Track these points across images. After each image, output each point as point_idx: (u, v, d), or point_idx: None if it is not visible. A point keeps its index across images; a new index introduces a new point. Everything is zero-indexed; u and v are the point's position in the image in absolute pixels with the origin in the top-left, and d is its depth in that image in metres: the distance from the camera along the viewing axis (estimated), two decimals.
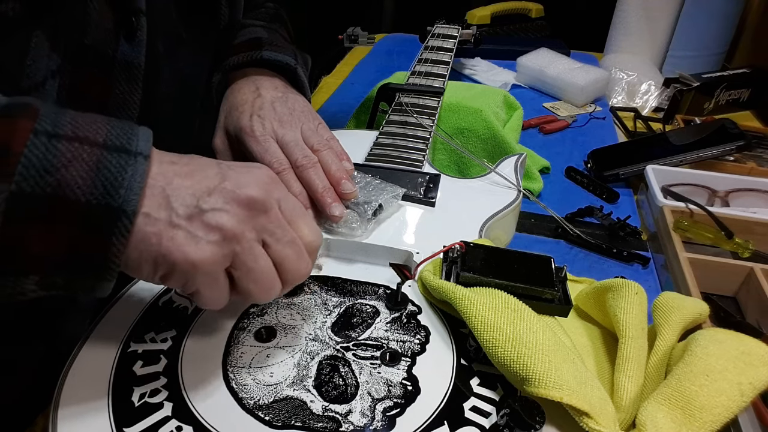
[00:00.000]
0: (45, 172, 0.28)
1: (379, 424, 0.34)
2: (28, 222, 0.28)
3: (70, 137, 0.29)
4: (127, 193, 0.29)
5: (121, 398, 0.35)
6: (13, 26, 0.35)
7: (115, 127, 0.31)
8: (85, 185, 0.29)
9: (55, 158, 0.28)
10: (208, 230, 0.31)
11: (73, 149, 0.29)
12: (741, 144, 0.76)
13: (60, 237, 0.29)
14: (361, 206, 0.49)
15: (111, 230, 0.29)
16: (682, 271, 0.54)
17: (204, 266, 0.31)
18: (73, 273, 0.30)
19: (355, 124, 0.84)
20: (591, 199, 0.75)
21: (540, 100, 1.03)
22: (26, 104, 0.30)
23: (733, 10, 1.22)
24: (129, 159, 0.30)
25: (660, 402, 0.35)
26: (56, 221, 0.28)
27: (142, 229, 0.30)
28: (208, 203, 0.32)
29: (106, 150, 0.30)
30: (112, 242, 0.29)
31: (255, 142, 0.50)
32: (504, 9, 1.37)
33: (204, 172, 0.33)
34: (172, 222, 0.31)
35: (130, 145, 0.31)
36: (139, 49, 0.42)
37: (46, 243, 0.28)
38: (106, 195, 0.29)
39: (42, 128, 0.29)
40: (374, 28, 1.29)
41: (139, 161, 0.31)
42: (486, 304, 0.38)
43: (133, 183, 0.30)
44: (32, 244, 0.28)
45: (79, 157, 0.29)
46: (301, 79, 0.58)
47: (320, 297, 0.44)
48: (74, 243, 0.29)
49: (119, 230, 0.29)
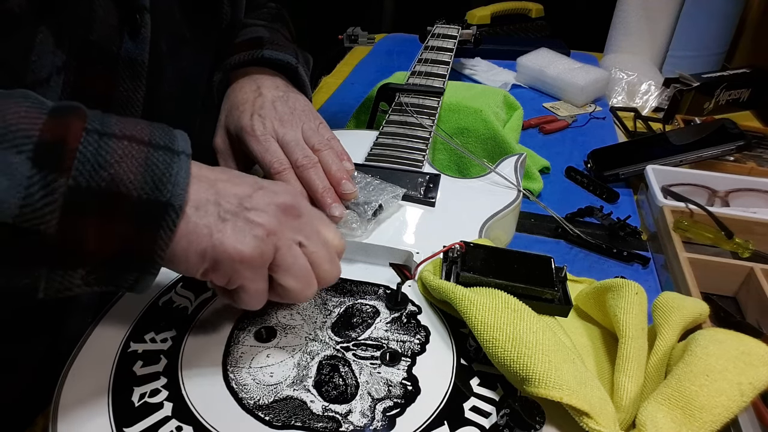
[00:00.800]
0: (99, 167, 0.29)
1: (379, 424, 0.34)
2: (84, 215, 0.29)
3: (119, 136, 0.31)
4: (174, 188, 0.31)
5: (121, 398, 0.35)
6: (18, 22, 0.36)
7: (157, 128, 0.33)
8: (136, 180, 0.30)
9: (108, 154, 0.30)
10: (254, 226, 0.33)
11: (123, 147, 0.30)
12: (741, 144, 0.76)
13: (113, 230, 0.30)
14: (361, 206, 0.49)
15: (159, 224, 0.30)
16: (682, 271, 0.54)
17: (252, 259, 0.33)
18: (120, 266, 0.31)
19: (355, 124, 0.84)
20: (591, 199, 0.75)
21: (540, 100, 1.03)
22: (74, 106, 0.31)
23: (733, 10, 1.22)
24: (174, 157, 0.32)
25: (660, 402, 0.35)
26: (110, 215, 0.29)
27: (193, 220, 0.32)
28: (251, 203, 0.34)
29: (153, 148, 0.31)
30: (159, 235, 0.30)
31: (255, 142, 0.50)
32: (504, 9, 1.37)
33: (241, 179, 0.36)
34: (221, 216, 0.33)
35: (173, 145, 0.33)
36: (143, 47, 0.43)
37: (100, 236, 0.29)
38: (155, 190, 0.30)
39: (92, 127, 0.30)
40: (374, 28, 1.29)
41: (183, 159, 0.32)
42: (486, 304, 0.38)
43: (179, 179, 0.31)
44: (87, 237, 0.29)
45: (130, 154, 0.30)
46: (302, 79, 0.58)
47: (320, 297, 0.44)
48: (125, 236, 0.30)
49: (167, 224, 0.31)
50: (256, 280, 0.34)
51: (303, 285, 0.36)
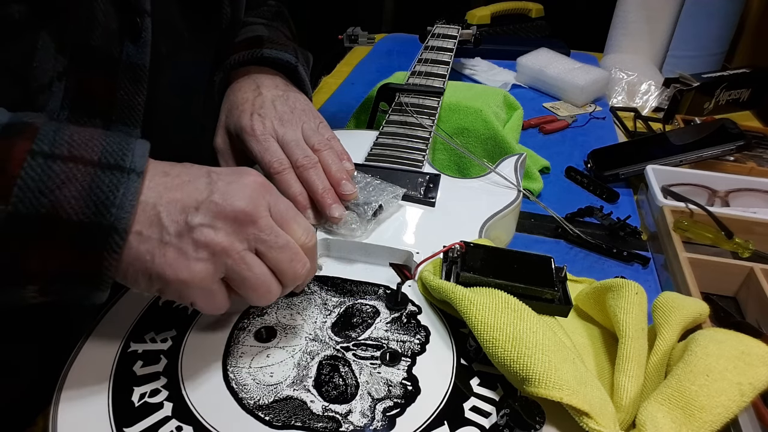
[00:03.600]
0: (40, 193, 0.29)
1: (379, 424, 0.34)
2: (25, 240, 0.29)
3: (65, 157, 0.30)
4: (118, 212, 0.30)
5: (121, 398, 0.35)
6: (19, 28, 0.36)
7: (112, 143, 0.32)
8: (78, 205, 0.30)
9: (50, 180, 0.29)
10: (197, 247, 0.32)
11: (68, 170, 0.30)
12: (741, 144, 0.76)
13: (56, 253, 0.30)
14: (361, 207, 0.49)
15: (104, 246, 0.30)
16: (682, 271, 0.54)
17: (195, 283, 0.32)
18: (68, 284, 0.31)
19: (355, 124, 0.84)
20: (591, 199, 0.75)
21: (540, 100, 1.03)
22: (26, 123, 0.31)
23: (733, 10, 1.22)
24: (122, 177, 0.31)
25: (660, 402, 0.35)
26: (51, 239, 0.30)
27: (135, 246, 0.31)
28: (196, 219, 0.32)
29: (100, 168, 0.31)
30: (104, 257, 0.30)
31: (255, 142, 0.50)
32: (504, 9, 1.37)
33: (194, 184, 0.34)
34: (163, 240, 0.32)
35: (124, 162, 0.32)
36: (144, 50, 0.43)
37: (43, 259, 0.30)
38: (98, 214, 0.30)
39: (39, 149, 0.30)
40: (374, 28, 1.29)
41: (132, 179, 0.31)
42: (486, 304, 0.38)
43: (124, 201, 0.31)
44: (29, 260, 0.30)
45: (73, 178, 0.30)
46: (301, 77, 0.58)
47: (320, 297, 0.44)
48: (69, 258, 0.30)
49: (111, 247, 0.30)
50: (207, 298, 0.34)
51: (263, 291, 0.35)
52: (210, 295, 0.34)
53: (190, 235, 0.32)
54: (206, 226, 0.32)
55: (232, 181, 0.35)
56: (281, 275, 0.36)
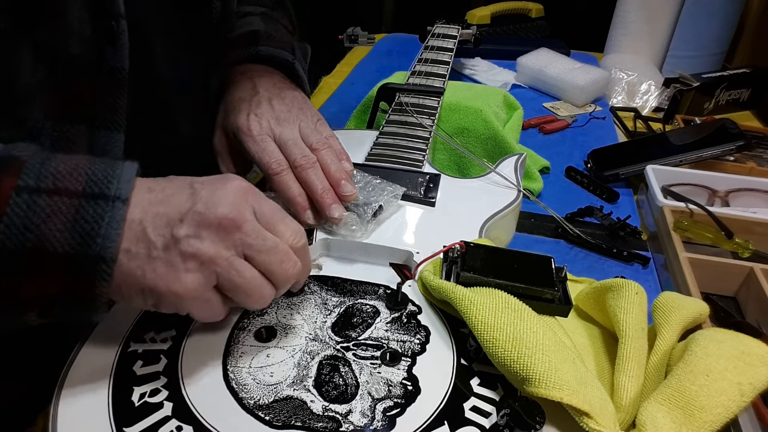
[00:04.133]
0: (25, 229, 0.30)
1: (380, 424, 0.34)
2: (15, 273, 0.30)
3: (50, 190, 0.31)
4: (104, 242, 0.31)
5: (121, 398, 0.35)
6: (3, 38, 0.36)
7: (97, 171, 0.32)
8: (63, 237, 0.30)
9: (35, 215, 0.30)
10: (185, 258, 0.32)
11: (53, 203, 0.30)
12: (741, 144, 0.76)
13: (46, 283, 0.31)
14: (360, 207, 0.49)
15: (93, 275, 0.31)
16: (682, 271, 0.54)
17: (188, 294, 0.33)
18: (65, 309, 0.32)
19: (355, 124, 0.84)
20: (591, 199, 0.75)
21: (540, 100, 1.03)
22: (13, 158, 0.31)
23: (733, 10, 1.22)
24: (106, 206, 0.31)
25: (660, 402, 0.35)
26: (40, 270, 0.30)
27: (125, 264, 0.32)
28: (182, 230, 0.32)
29: (85, 199, 0.31)
30: (95, 284, 0.31)
31: (252, 142, 0.49)
32: (504, 9, 1.37)
33: (177, 196, 0.34)
34: (151, 254, 0.32)
35: (109, 190, 0.32)
36: (122, 53, 0.42)
37: (34, 289, 0.31)
38: (83, 244, 0.30)
39: (24, 184, 0.30)
40: (374, 28, 1.30)
41: (117, 206, 0.32)
42: (486, 304, 0.38)
43: (110, 230, 0.31)
44: (21, 291, 0.30)
45: (58, 211, 0.30)
46: (299, 75, 0.58)
47: (320, 297, 0.44)
48: (60, 287, 0.31)
49: (100, 275, 0.31)
50: (202, 307, 0.34)
51: (256, 296, 0.35)
52: (205, 305, 0.34)
53: (177, 247, 0.32)
54: (192, 237, 0.32)
55: (215, 189, 0.35)
56: (273, 277, 0.36)
